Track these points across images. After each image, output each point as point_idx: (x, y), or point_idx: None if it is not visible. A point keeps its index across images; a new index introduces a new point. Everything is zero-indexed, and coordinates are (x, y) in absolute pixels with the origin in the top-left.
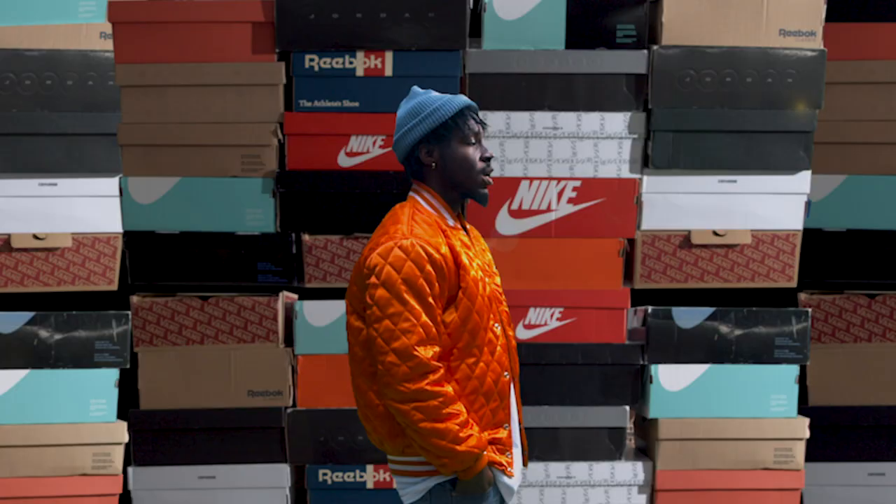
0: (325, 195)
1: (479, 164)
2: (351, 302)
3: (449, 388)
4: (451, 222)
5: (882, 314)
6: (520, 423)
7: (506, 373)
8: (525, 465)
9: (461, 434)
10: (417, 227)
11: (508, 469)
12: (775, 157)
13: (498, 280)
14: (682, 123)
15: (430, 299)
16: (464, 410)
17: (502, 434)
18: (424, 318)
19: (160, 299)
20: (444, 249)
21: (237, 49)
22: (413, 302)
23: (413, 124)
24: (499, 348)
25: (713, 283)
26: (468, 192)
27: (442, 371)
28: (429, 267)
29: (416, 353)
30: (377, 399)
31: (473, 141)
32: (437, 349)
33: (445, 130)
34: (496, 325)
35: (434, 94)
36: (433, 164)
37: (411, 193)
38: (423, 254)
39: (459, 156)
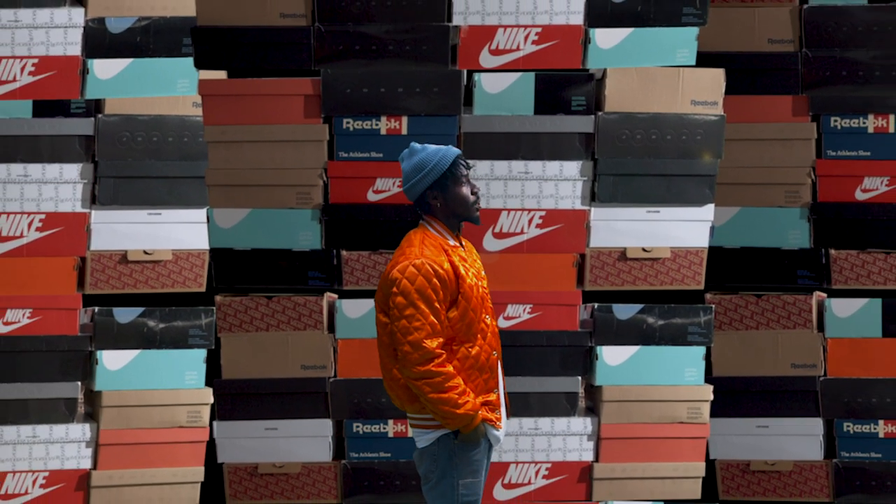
0: (358, 222)
1: (471, 198)
2: (378, 304)
3: (450, 368)
4: (452, 242)
5: (766, 309)
6: (504, 390)
7: (494, 352)
8: (507, 416)
9: (460, 401)
10: (427, 249)
11: (497, 423)
12: (688, 194)
13: (485, 283)
14: (619, 169)
15: (437, 304)
16: (461, 383)
17: (492, 397)
18: (432, 318)
19: (237, 298)
20: (447, 265)
21: (293, 114)
22: (423, 306)
23: (420, 177)
24: (489, 334)
25: (642, 286)
26: (466, 218)
27: (444, 356)
28: (435, 280)
29: (424, 344)
30: (398, 374)
31: (465, 181)
32: (441, 340)
33: (445, 179)
34: (487, 316)
35: (430, 148)
36: (438, 204)
37: (422, 223)
38: (431, 270)
39: (457, 195)
